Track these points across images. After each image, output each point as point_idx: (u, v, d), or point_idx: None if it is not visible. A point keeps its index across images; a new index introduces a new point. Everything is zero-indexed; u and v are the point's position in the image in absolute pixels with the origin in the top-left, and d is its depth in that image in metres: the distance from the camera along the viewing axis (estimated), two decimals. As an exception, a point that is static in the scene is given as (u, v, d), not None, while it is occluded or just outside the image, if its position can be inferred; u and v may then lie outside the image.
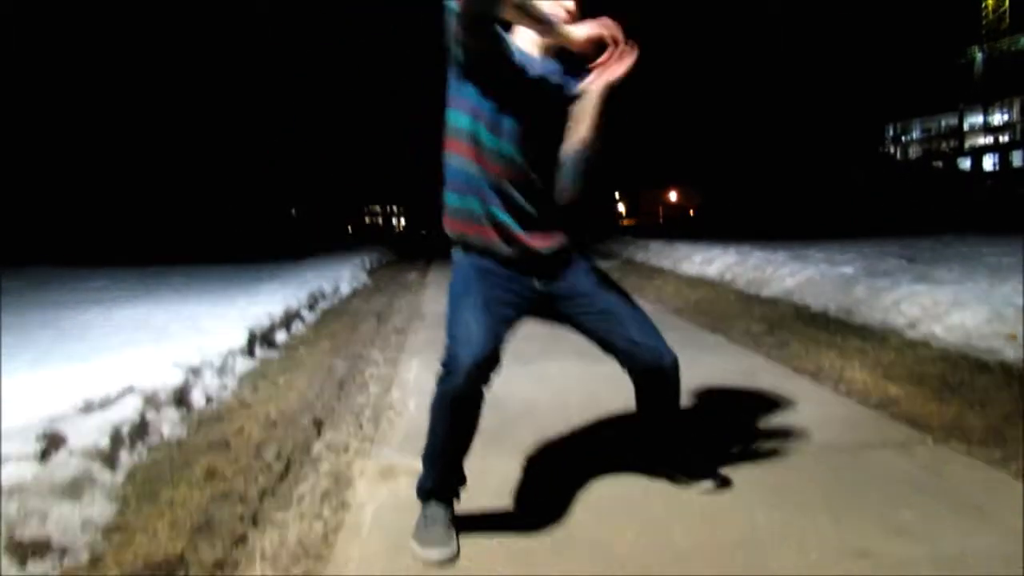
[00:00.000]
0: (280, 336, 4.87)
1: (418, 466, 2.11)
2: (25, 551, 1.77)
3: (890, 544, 1.83)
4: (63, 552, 1.82)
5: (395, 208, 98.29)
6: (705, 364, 3.82)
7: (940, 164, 65.42)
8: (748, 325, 4.97)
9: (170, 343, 3.98)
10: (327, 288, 6.95)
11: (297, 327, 5.31)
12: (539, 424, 2.94)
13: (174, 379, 3.16)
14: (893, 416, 2.88)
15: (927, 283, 5.35)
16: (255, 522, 2.08)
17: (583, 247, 2.09)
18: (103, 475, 2.29)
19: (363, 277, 8.79)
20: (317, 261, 11.14)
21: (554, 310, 2.06)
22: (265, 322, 4.67)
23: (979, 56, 70.43)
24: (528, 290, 1.99)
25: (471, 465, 2.12)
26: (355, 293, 7.63)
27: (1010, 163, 62.91)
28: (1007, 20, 68.44)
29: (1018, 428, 2.65)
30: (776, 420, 2.90)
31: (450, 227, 1.98)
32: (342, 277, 7.92)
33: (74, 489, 2.11)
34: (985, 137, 67.30)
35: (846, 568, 1.72)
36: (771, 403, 3.12)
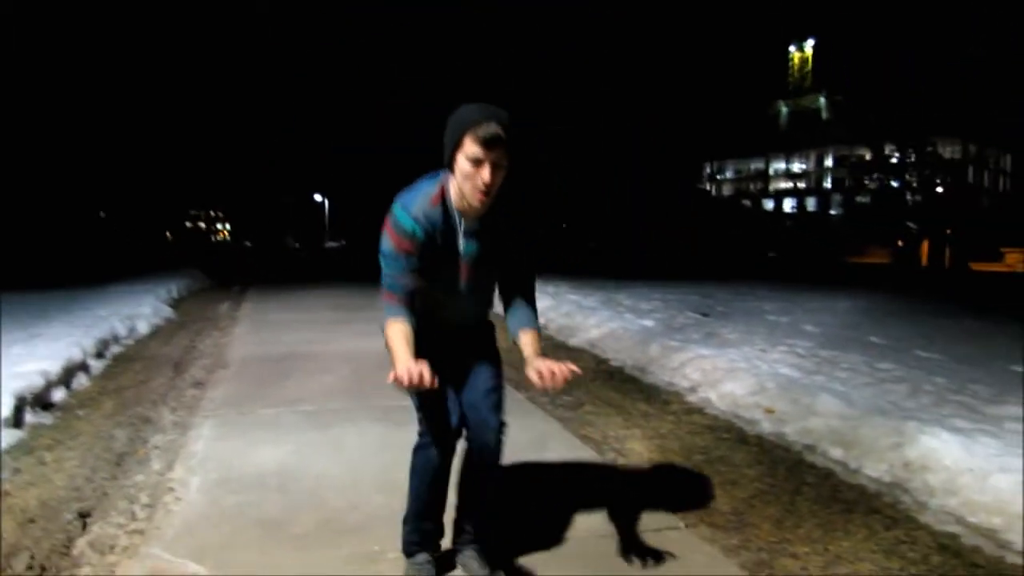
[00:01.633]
0: (58, 395, 4.48)
1: (188, 571, 2.07)
2: None
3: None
4: None
5: (219, 214, 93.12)
6: (501, 433, 3.97)
7: (748, 203, 72.15)
8: (550, 385, 5.21)
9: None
10: (121, 329, 6.47)
11: (80, 381, 4.91)
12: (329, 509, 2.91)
13: (-89, 468, 2.83)
14: (658, 497, 3.14)
15: (711, 345, 5.90)
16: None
17: None
18: None
19: (166, 311, 8.25)
20: (117, 288, 10.33)
21: None
22: (39, 382, 4.28)
23: (784, 110, 78.63)
24: None
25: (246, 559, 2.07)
26: (155, 332, 7.16)
27: (805, 206, 70.55)
28: (809, 80, 76.96)
29: (754, 510, 3.00)
30: (551, 502, 3.06)
31: None
32: (141, 313, 7.39)
33: None
34: (787, 182, 75.08)
35: None
36: (550, 481, 3.30)
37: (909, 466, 3.39)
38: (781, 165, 76.22)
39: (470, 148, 1.88)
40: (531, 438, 3.95)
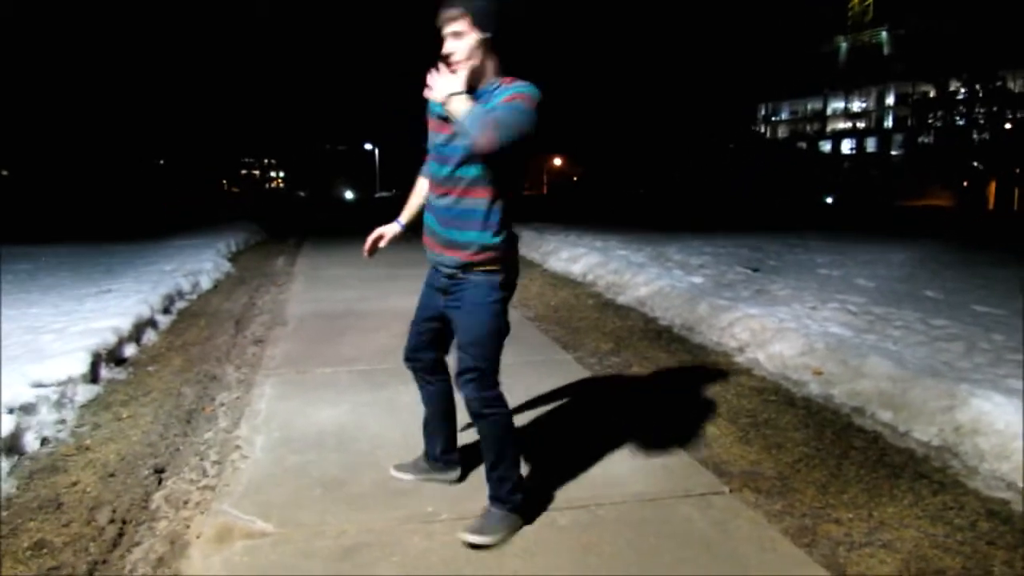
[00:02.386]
0: (129, 350, 4.74)
1: (256, 527, 2.37)
2: None
3: (668, 613, 2.10)
4: None
5: (272, 162, 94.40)
6: (549, 391, 4.08)
7: (804, 145, 69.80)
8: (598, 343, 5.28)
9: (4, 371, 3.80)
10: (185, 285, 6.74)
11: (149, 336, 5.16)
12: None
13: (4, 427, 3.06)
14: (703, 461, 3.20)
15: (760, 303, 5.86)
16: (80, 607, 2.11)
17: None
18: (-84, 556, 2.23)
19: (226, 266, 8.53)
20: (178, 242, 10.68)
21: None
22: (112, 339, 4.52)
23: (843, 46, 75.14)
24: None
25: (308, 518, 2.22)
26: (216, 287, 7.42)
27: (864, 148, 67.96)
28: (871, 14, 73.22)
29: (799, 475, 3.05)
30: (596, 464, 3.15)
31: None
32: (203, 269, 7.66)
33: None
34: (845, 122, 72.27)
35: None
36: (599, 444, 3.38)
37: (960, 430, 3.37)
38: (840, 104, 73.30)
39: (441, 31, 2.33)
40: (578, 401, 4.04)
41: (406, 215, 2.76)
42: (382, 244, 2.73)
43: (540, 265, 9.41)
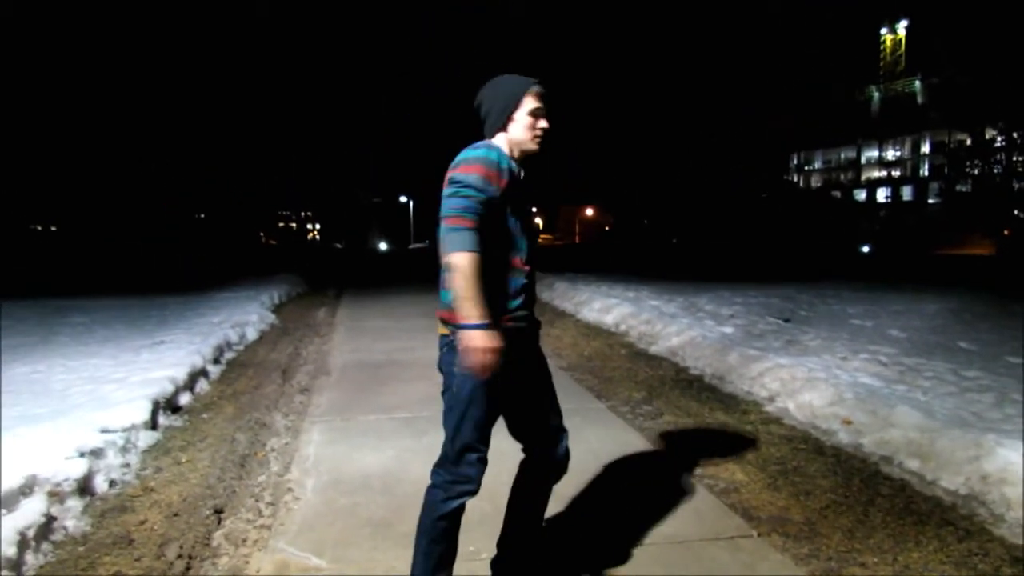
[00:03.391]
0: (184, 398, 5.01)
1: (311, 563, 2.45)
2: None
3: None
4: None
5: (308, 214, 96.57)
6: (584, 439, 4.22)
7: (838, 193, 69.54)
8: (630, 392, 5.42)
9: (70, 418, 4.07)
10: (233, 336, 7.05)
11: (202, 386, 5.44)
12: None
13: (77, 468, 3.32)
14: (732, 506, 3.32)
15: (791, 353, 5.96)
16: (155, 633, 2.31)
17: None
18: (9, 584, 2.46)
19: (270, 317, 8.87)
20: (224, 295, 11.10)
21: None
22: (168, 388, 4.80)
23: (876, 95, 75.31)
24: None
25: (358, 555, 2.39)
26: (262, 338, 7.73)
27: (900, 196, 67.47)
28: (903, 63, 73.48)
29: (826, 521, 3.15)
30: (633, 509, 3.29)
31: None
32: (249, 320, 8.00)
33: (-18, 604, 2.29)
34: (880, 171, 71.99)
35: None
36: (632, 490, 3.52)
37: (987, 479, 3.44)
38: (874, 153, 73.10)
39: (531, 103, 2.25)
40: (612, 448, 4.18)
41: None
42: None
43: (573, 315, 9.60)
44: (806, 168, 78.51)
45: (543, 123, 2.29)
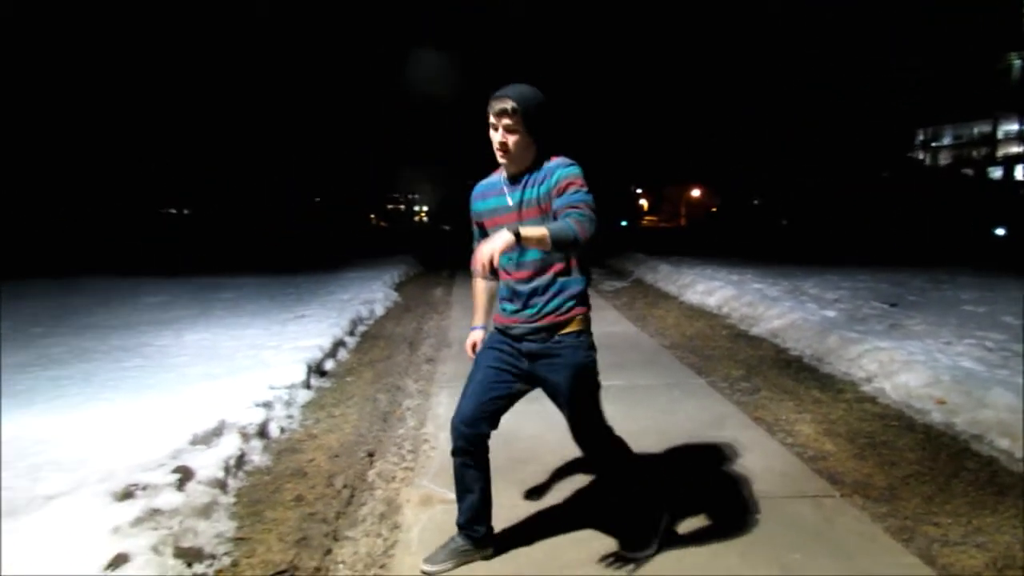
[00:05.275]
0: (329, 364, 5.75)
1: (449, 496, 2.97)
2: (188, 557, 2.64)
3: (776, 578, 2.64)
4: (212, 558, 2.69)
5: (416, 196, 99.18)
6: (683, 411, 4.65)
7: (970, 171, 65.12)
8: (729, 370, 5.76)
9: (242, 377, 4.87)
10: (364, 312, 7.84)
11: (342, 354, 6.18)
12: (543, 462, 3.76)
13: (256, 416, 4.04)
14: (819, 471, 3.66)
15: (892, 337, 6.11)
16: (335, 538, 2.94)
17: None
18: (222, 499, 3.16)
19: (393, 295, 9.66)
20: (350, 274, 12.04)
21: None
22: (318, 354, 5.55)
23: (1017, 63, 69.75)
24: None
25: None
26: (388, 314, 8.50)
27: (1041, 174, 62.49)
28: (1047, 28, 67.67)
29: (908, 487, 3.45)
30: (724, 470, 3.69)
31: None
32: (375, 298, 8.80)
33: (207, 511, 2.99)
34: (1019, 146, 66.80)
35: (739, 594, 2.54)
36: (726, 454, 3.92)
37: (1075, 459, 3.62)
38: (1012, 127, 67.82)
39: (489, 118, 2.44)
40: (709, 418, 4.57)
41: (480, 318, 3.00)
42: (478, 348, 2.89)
43: (677, 297, 9.89)
44: (933, 144, 73.83)
45: (495, 136, 2.44)
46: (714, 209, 68.33)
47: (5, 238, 21.29)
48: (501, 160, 2.50)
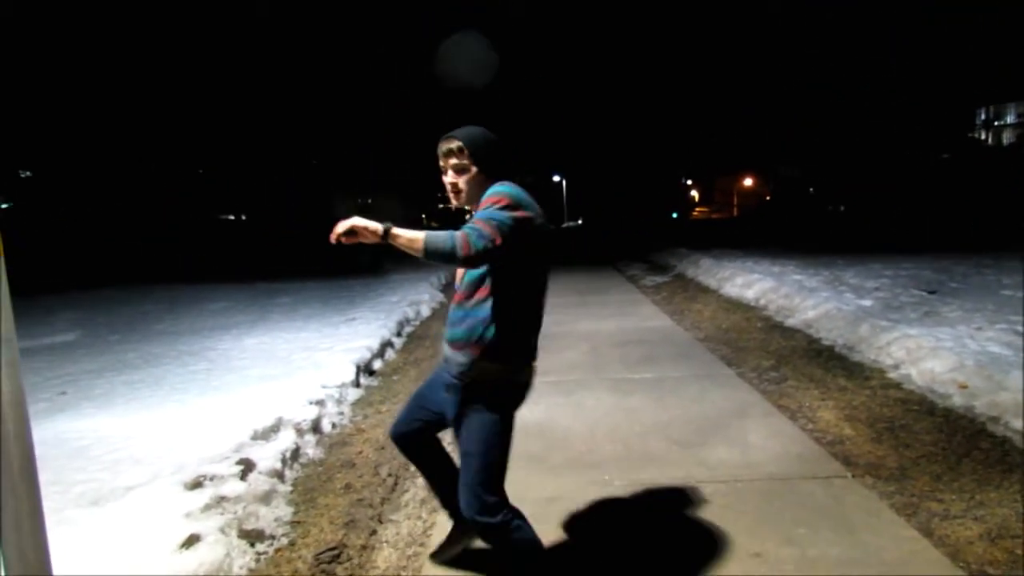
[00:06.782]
0: (377, 364, 6.13)
1: None
2: (251, 538, 3.02)
3: (779, 549, 2.87)
4: (272, 538, 3.07)
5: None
6: (709, 400, 4.87)
7: (1035, 150, 62.58)
8: (759, 360, 5.94)
9: (297, 377, 5.28)
10: (410, 313, 8.22)
11: (389, 354, 6.56)
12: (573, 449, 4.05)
13: (310, 413, 4.42)
14: (834, 454, 3.86)
15: (925, 324, 6.19)
16: (380, 520, 3.28)
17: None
18: (280, 487, 3.54)
19: (439, 296, 10.05)
20: (398, 276, 12.49)
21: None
22: (366, 355, 5.94)
23: (1082, 34, 66.72)
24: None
25: (519, 479, 3.22)
26: (433, 314, 8.87)
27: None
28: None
29: (918, 467, 3.62)
30: (741, 453, 3.92)
31: None
32: (421, 300, 9.19)
33: (267, 497, 3.36)
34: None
35: (741, 564, 2.78)
36: (746, 440, 4.13)
37: (1089, 438, 3.74)
38: (1080, 102, 64.97)
39: (439, 162, 2.41)
40: (734, 407, 4.78)
41: None
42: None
43: (716, 291, 10.03)
44: (996, 123, 71.20)
45: (446, 180, 2.41)
46: (768, 198, 67.17)
47: (82, 247, 22.51)
48: (454, 202, 2.45)
